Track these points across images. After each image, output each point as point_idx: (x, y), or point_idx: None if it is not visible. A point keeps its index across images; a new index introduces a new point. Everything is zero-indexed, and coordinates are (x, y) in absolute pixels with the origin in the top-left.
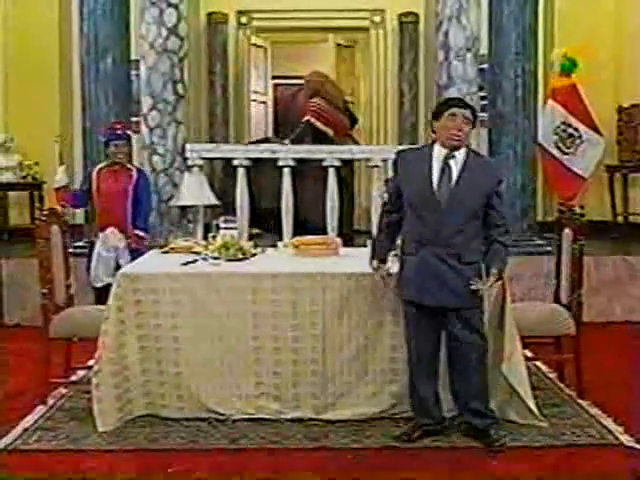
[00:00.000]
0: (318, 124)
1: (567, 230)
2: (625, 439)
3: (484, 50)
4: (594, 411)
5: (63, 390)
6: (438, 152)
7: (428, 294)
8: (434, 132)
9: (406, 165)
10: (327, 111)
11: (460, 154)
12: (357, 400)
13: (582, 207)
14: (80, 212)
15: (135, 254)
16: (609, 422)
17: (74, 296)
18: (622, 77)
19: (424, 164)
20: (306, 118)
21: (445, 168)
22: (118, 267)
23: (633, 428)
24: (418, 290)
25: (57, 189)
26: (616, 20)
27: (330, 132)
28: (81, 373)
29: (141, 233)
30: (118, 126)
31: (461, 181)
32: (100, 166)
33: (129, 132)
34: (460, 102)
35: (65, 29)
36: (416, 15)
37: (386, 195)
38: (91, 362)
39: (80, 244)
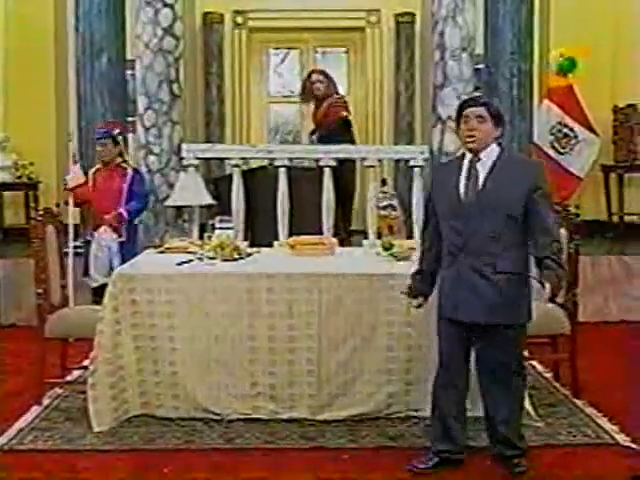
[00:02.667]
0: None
1: (562, 230)
2: (621, 438)
3: (480, 50)
4: (590, 411)
5: (59, 390)
6: (467, 159)
7: (462, 309)
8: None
9: (438, 179)
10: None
11: (488, 156)
12: (353, 400)
13: (577, 207)
14: (75, 211)
15: (124, 250)
16: (605, 422)
17: (69, 296)
18: (618, 77)
19: (453, 173)
20: (344, 114)
21: (471, 173)
22: (112, 268)
23: (629, 427)
24: (453, 305)
25: (73, 188)
26: (612, 20)
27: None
28: (76, 373)
29: (123, 213)
30: (103, 125)
31: (488, 184)
32: (97, 166)
33: (115, 132)
34: (472, 101)
35: (60, 29)
36: (412, 15)
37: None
38: (86, 362)
39: (76, 244)
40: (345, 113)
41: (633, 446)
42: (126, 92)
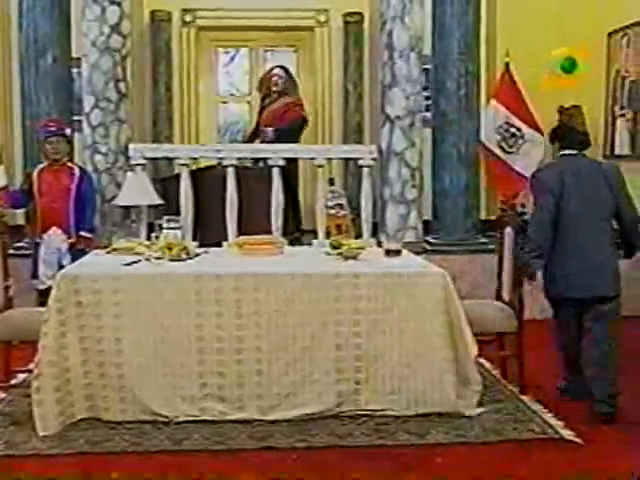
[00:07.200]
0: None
1: (508, 228)
2: (565, 433)
3: (428, 50)
4: (535, 407)
5: (2, 394)
6: None
7: None
8: None
9: None
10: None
11: None
12: (302, 400)
13: (523, 206)
14: (21, 213)
15: (77, 255)
16: (550, 417)
17: (14, 298)
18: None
19: None
20: (303, 114)
21: None
22: (61, 268)
23: (573, 422)
24: None
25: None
26: (556, 22)
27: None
28: (21, 376)
29: (87, 234)
30: (52, 123)
31: None
32: (41, 166)
33: (67, 130)
34: None
35: (4, 26)
36: (360, 15)
37: None
38: (31, 365)
39: (21, 245)
40: (304, 114)
41: (577, 440)
42: (72, 91)
